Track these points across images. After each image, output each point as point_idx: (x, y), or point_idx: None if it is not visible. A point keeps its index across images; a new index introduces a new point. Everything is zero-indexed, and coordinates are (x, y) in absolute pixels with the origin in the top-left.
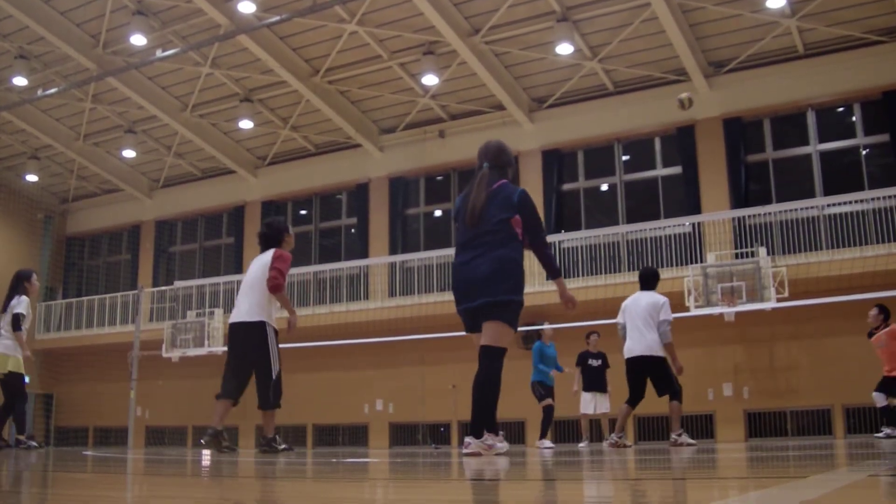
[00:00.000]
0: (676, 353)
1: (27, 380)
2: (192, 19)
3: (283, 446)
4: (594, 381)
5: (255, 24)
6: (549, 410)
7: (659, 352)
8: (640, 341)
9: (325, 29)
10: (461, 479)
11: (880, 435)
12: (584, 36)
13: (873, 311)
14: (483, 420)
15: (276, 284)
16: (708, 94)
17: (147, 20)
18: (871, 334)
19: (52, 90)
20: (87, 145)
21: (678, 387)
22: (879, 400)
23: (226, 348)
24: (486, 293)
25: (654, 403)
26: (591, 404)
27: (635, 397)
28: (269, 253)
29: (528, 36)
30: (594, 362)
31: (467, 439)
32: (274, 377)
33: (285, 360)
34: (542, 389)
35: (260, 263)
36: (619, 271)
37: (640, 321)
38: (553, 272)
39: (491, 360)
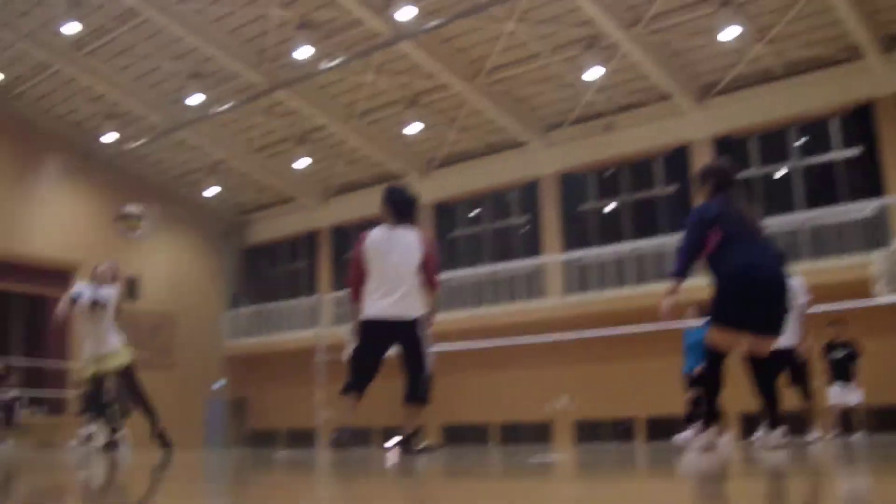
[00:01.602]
0: None
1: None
2: (352, 29)
3: (425, 445)
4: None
5: (414, 29)
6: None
7: None
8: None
9: (484, 29)
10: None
11: None
12: (749, 19)
13: None
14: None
15: (437, 284)
16: (884, 71)
17: (310, 33)
18: None
19: (226, 106)
20: (261, 157)
21: None
22: None
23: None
24: (785, 303)
25: None
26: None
27: None
28: (413, 236)
29: (690, 22)
30: (838, 353)
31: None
32: (428, 371)
33: (470, 358)
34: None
35: (408, 246)
36: (800, 259)
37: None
38: None
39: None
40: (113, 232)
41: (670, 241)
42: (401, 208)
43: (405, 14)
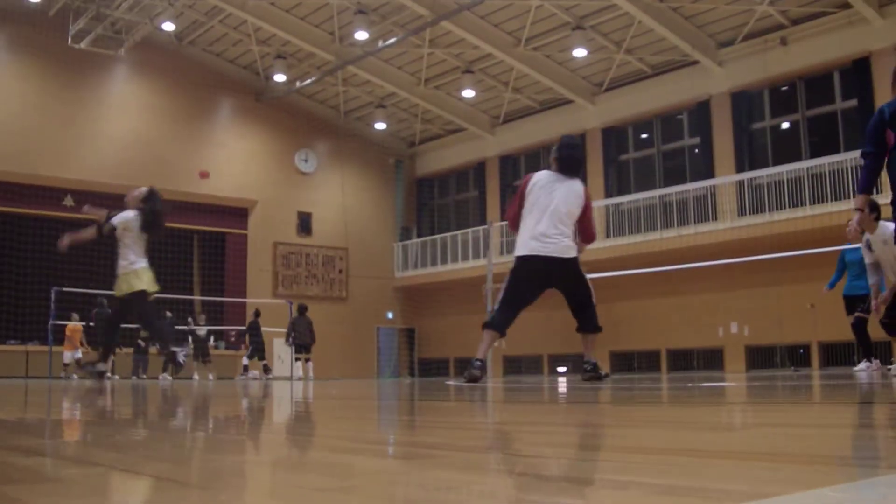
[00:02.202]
0: None
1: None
2: None
3: (604, 372)
4: None
5: None
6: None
7: None
8: None
9: None
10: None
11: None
12: None
13: None
14: None
15: (593, 237)
16: None
17: None
18: None
19: (392, 40)
20: (428, 89)
21: None
22: None
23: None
24: None
25: None
26: None
27: None
28: (578, 186)
29: None
30: None
31: None
32: (595, 303)
33: (640, 286)
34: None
35: (571, 193)
36: None
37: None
38: None
39: None
40: (285, 170)
41: (850, 159)
42: (569, 164)
43: None
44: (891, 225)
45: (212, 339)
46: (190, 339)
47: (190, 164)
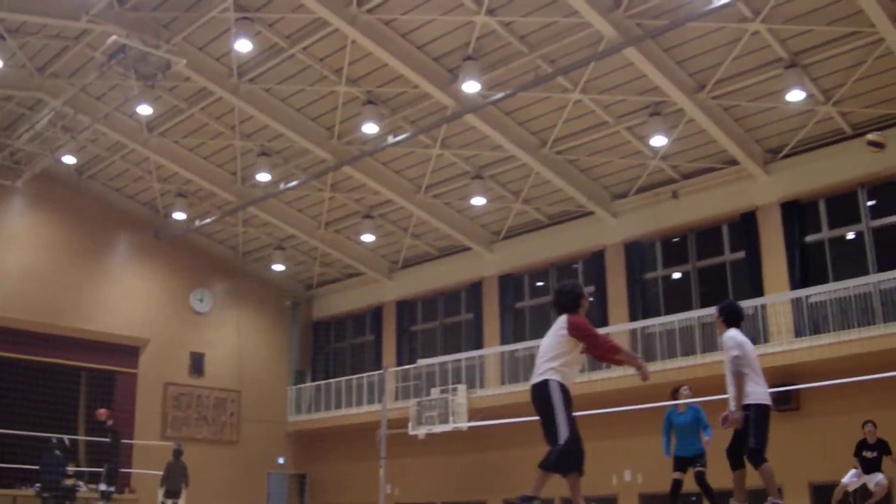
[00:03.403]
0: None
1: None
2: (419, 104)
3: None
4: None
5: (480, 102)
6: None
7: None
8: (765, 388)
9: (549, 100)
10: None
11: None
12: (815, 80)
13: None
14: None
15: (610, 350)
16: None
17: (377, 108)
18: None
19: (294, 183)
20: (328, 233)
21: None
22: None
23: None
24: None
25: None
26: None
27: None
28: (561, 319)
29: (756, 86)
30: (868, 454)
31: None
32: (561, 441)
33: (527, 433)
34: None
35: (552, 328)
36: (874, 324)
37: (756, 365)
38: None
39: None
40: (180, 309)
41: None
42: (554, 304)
43: (470, 87)
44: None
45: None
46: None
47: (83, 300)
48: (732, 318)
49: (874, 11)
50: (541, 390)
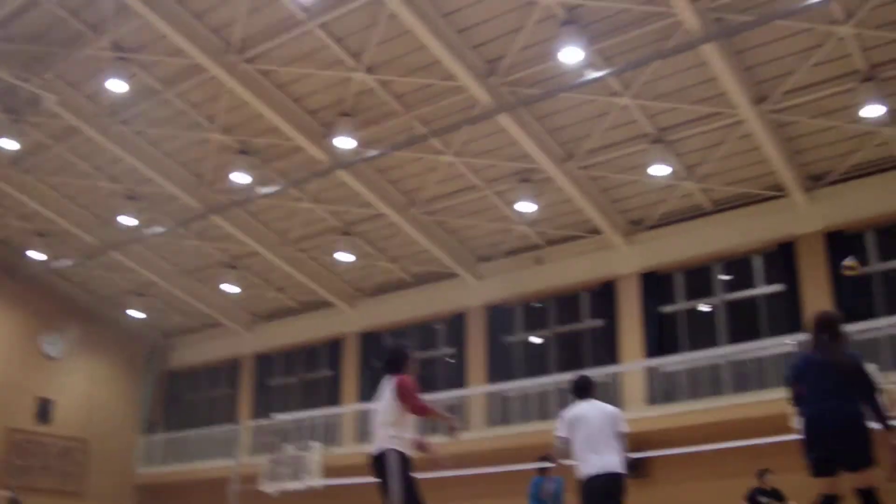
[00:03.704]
0: None
1: None
2: (292, 156)
3: None
4: None
5: (353, 159)
6: None
7: (623, 468)
8: (608, 455)
9: (421, 161)
10: None
11: None
12: (679, 156)
13: None
14: None
15: (417, 409)
16: (808, 209)
17: (249, 159)
18: None
19: (159, 229)
20: (190, 281)
21: None
22: None
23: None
24: (858, 444)
25: None
26: None
27: None
28: (391, 382)
29: (622, 159)
30: (763, 500)
31: None
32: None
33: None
34: None
35: (383, 393)
36: (722, 394)
37: (601, 434)
38: (885, 419)
39: (877, 498)
40: (29, 352)
41: (596, 374)
42: (384, 361)
43: (344, 143)
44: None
45: None
46: None
47: None
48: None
49: (736, 94)
50: (380, 461)
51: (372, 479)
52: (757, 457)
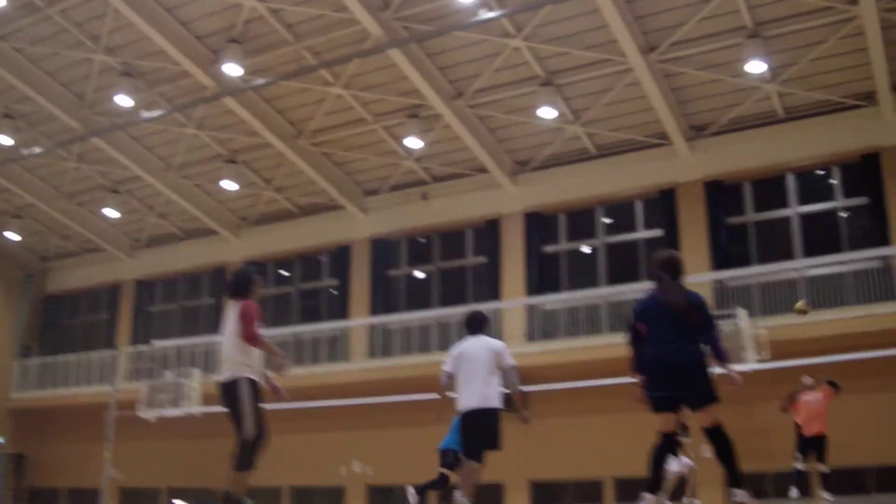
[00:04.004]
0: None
1: None
2: (178, 81)
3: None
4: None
5: (240, 86)
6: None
7: (497, 403)
8: (478, 391)
9: (310, 92)
10: None
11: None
12: (567, 100)
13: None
14: (739, 477)
15: (249, 337)
16: (689, 158)
17: (133, 81)
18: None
19: (38, 150)
20: (70, 204)
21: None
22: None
23: (203, 409)
24: (698, 383)
25: None
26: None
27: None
28: (235, 306)
29: (511, 99)
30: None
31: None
32: (247, 437)
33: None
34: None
35: (228, 317)
36: (600, 333)
37: (479, 369)
38: (725, 359)
39: (723, 432)
40: None
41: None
42: (227, 286)
43: (232, 70)
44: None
45: None
46: None
47: None
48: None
49: (626, 42)
50: (229, 388)
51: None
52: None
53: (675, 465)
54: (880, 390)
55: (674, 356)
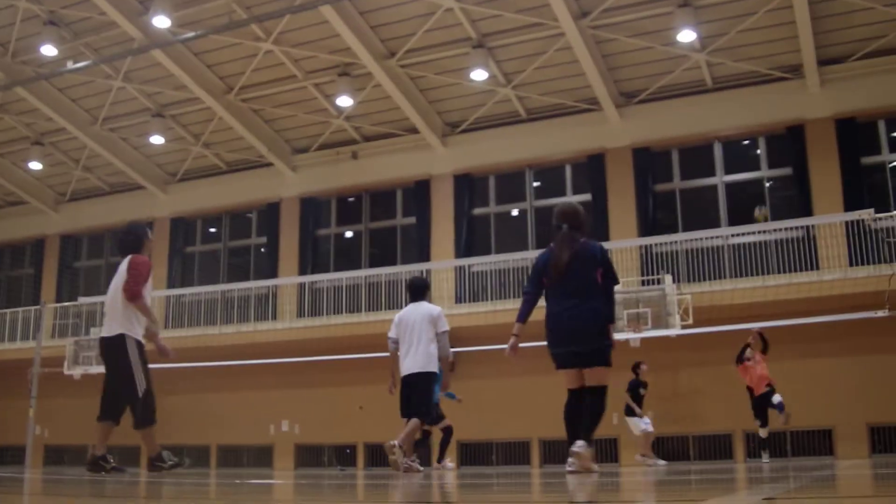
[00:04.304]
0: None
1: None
2: (104, 32)
3: (170, 462)
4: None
5: (169, 39)
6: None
7: (432, 367)
8: (416, 356)
9: (240, 47)
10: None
11: (766, 460)
12: (498, 63)
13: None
14: (591, 437)
15: (131, 292)
16: (619, 124)
17: (58, 31)
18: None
19: None
20: None
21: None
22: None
23: None
24: (589, 341)
25: None
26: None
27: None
28: (126, 262)
29: (443, 61)
30: (643, 391)
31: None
32: (140, 394)
33: (194, 379)
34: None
35: (118, 272)
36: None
37: (420, 335)
38: (609, 319)
39: (601, 396)
40: None
41: (405, 272)
42: (118, 244)
43: (161, 22)
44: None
45: None
46: None
47: None
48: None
49: (559, 6)
50: (115, 343)
51: (180, 365)
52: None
53: (643, 424)
54: (801, 357)
55: (564, 312)
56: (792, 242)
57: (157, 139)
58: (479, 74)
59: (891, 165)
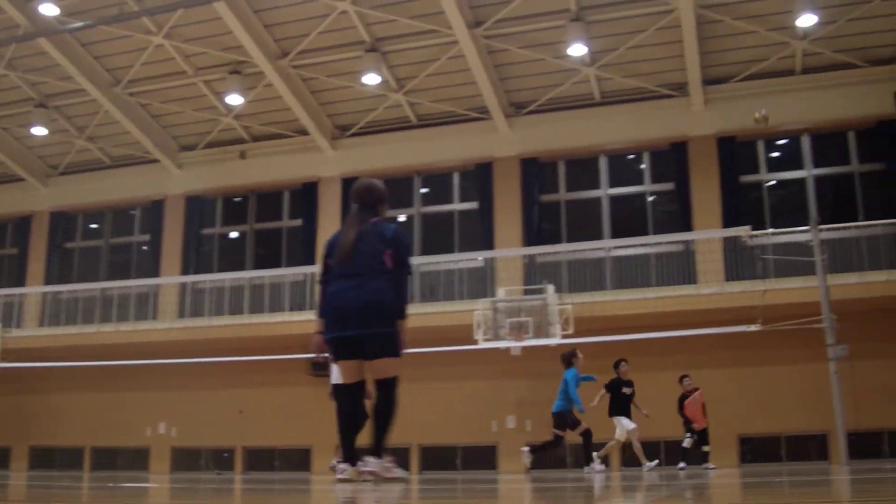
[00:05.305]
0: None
1: None
2: None
3: None
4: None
5: (56, 27)
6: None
7: None
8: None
9: (130, 39)
10: None
11: (682, 466)
12: (391, 68)
13: (687, 380)
14: (382, 445)
15: None
16: (507, 134)
17: None
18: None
19: None
20: None
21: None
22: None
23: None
24: (372, 323)
25: None
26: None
27: None
28: None
29: (336, 63)
30: (627, 389)
31: (360, 461)
32: None
33: (70, 378)
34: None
35: None
36: (411, 302)
37: None
38: (402, 314)
39: (392, 390)
40: None
41: (291, 274)
42: None
43: (48, 10)
44: None
45: None
46: None
47: None
48: None
49: (453, 14)
50: None
51: (55, 364)
52: (454, 363)
53: (629, 425)
54: (678, 368)
55: (343, 292)
56: (672, 256)
57: (39, 130)
58: (371, 78)
59: (768, 184)
